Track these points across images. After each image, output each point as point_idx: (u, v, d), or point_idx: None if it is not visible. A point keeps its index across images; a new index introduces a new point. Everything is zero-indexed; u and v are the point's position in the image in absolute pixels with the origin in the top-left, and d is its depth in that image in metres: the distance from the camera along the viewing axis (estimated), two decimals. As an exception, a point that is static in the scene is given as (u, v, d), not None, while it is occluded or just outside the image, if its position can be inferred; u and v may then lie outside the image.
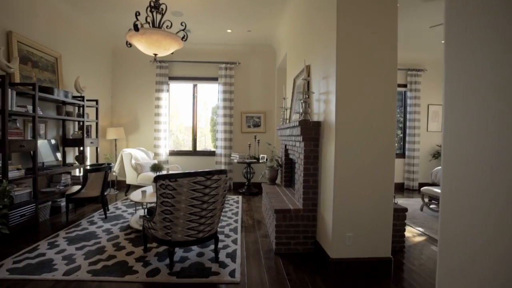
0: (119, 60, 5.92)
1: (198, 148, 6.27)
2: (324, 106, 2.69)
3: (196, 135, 6.22)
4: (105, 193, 3.85)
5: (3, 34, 3.30)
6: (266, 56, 6.07)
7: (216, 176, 2.41)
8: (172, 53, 3.65)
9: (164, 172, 4.18)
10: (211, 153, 6.13)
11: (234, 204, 4.67)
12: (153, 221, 2.42)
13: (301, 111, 3.19)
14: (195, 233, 2.43)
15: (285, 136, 3.75)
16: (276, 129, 4.32)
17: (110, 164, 3.95)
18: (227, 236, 3.21)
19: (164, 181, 2.26)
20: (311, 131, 2.80)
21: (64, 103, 4.19)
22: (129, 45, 3.41)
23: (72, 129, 4.52)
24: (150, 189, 3.72)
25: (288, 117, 4.05)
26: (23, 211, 3.14)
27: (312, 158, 2.84)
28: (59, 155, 4.07)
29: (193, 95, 6.19)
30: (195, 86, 6.19)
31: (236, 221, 3.76)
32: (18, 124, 3.18)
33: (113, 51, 5.89)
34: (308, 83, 3.07)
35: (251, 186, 5.65)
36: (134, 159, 5.26)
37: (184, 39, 3.33)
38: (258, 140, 5.80)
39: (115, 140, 5.69)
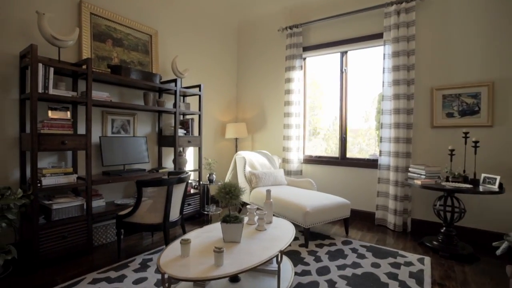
0: (244, 39, 4.68)
1: (359, 155, 3.90)
2: None
3: (345, 133, 3.90)
4: (175, 219, 2.49)
5: (74, 5, 2.67)
6: (496, -39, 2.81)
7: None
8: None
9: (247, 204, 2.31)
10: (371, 164, 3.59)
11: (412, 285, 2.02)
12: None
13: None
14: None
15: None
16: None
17: (187, 173, 2.56)
18: None
19: None
20: None
21: (160, 90, 3.29)
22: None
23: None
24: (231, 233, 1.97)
25: None
26: (64, 230, 2.27)
27: None
28: (149, 156, 3.18)
29: (341, 69, 3.91)
30: (343, 55, 3.89)
31: None
32: (69, 115, 2.38)
33: (239, 29, 4.72)
34: None
35: (455, 237, 2.64)
36: (250, 166, 3.75)
37: None
38: (475, 143, 2.67)
39: (236, 139, 4.46)
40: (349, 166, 3.77)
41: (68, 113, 2.37)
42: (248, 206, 2.28)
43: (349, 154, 3.88)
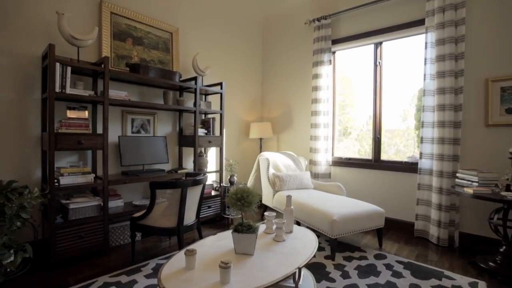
0: (269, 35, 4.46)
1: (396, 157, 3.50)
2: None
3: (379, 133, 3.52)
4: (190, 223, 2.36)
5: (94, 5, 2.67)
6: None
7: None
8: None
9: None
10: (410, 167, 3.19)
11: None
12: None
13: None
14: None
15: None
16: None
17: (204, 174, 2.42)
18: None
19: None
20: None
21: (180, 89, 3.22)
22: None
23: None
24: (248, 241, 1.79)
25: None
26: (81, 230, 2.26)
27: None
28: (169, 156, 3.11)
29: (375, 62, 3.53)
30: (377, 46, 3.51)
31: None
32: (87, 114, 2.36)
33: (264, 24, 4.52)
34: None
35: (518, 260, 2.19)
36: (274, 168, 3.54)
37: None
38: (545, 143, 2.19)
39: (260, 140, 4.27)
40: (383, 169, 3.39)
41: (86, 112, 2.36)
42: (266, 213, 2.08)
43: (384, 156, 3.50)
